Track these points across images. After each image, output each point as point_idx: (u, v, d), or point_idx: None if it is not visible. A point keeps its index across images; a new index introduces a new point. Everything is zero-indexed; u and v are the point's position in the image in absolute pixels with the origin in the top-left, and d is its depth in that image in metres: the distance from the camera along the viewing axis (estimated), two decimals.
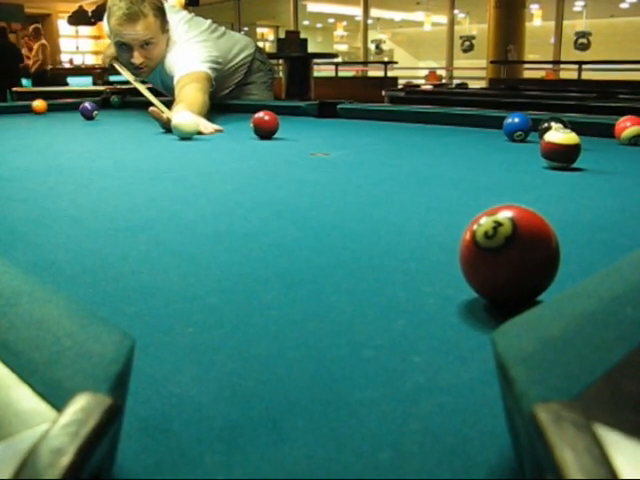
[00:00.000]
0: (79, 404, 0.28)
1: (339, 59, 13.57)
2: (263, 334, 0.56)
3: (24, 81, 8.46)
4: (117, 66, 2.93)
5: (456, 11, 17.07)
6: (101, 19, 3.48)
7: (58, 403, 0.30)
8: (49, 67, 10.30)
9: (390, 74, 11.35)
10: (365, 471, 0.36)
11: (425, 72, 14.21)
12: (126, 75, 2.84)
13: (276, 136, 2.02)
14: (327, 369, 0.49)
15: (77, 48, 17.67)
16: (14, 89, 5.66)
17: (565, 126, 1.54)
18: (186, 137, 2.03)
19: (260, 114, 2.00)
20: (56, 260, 0.80)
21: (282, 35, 6.89)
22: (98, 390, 0.31)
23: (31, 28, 10.50)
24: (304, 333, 0.57)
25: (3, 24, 9.93)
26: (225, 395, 0.45)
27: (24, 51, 10.05)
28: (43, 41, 10.13)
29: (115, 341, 0.37)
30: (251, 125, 2.00)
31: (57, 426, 0.26)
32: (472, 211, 1.04)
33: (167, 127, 2.18)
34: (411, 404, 0.44)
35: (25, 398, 0.32)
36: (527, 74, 12.13)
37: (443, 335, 0.56)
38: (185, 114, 2.11)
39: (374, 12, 19.67)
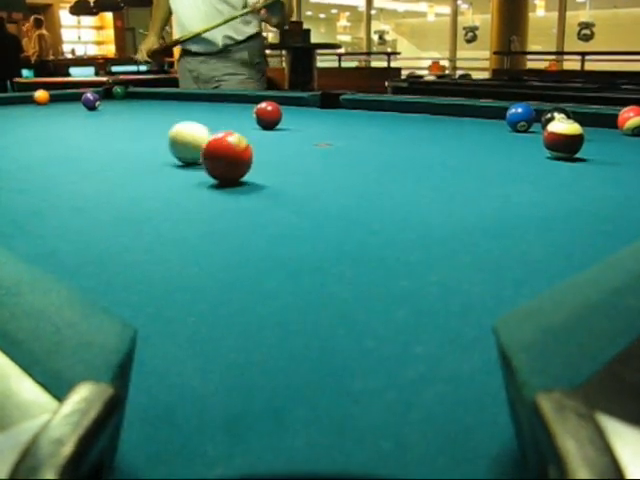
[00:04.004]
0: (80, 394, 0.28)
1: (342, 50, 13.52)
2: (265, 324, 0.56)
3: (25, 72, 8.44)
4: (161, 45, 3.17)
5: (459, 1, 17.03)
6: (103, 9, 3.57)
7: (59, 393, 0.30)
8: (51, 57, 10.27)
9: (393, 65, 11.33)
10: (367, 460, 0.36)
11: (428, 63, 14.15)
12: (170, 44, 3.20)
13: (279, 127, 2.02)
14: (329, 359, 0.49)
15: (79, 38, 17.60)
16: (15, 80, 5.64)
17: (568, 116, 1.53)
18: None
19: (263, 105, 2.00)
20: (58, 251, 0.80)
21: (285, 26, 6.87)
22: (99, 380, 0.31)
23: (32, 19, 10.49)
24: (306, 323, 0.57)
25: (2, 14, 9.90)
26: (227, 385, 0.45)
27: (25, 41, 10.03)
28: (41, 31, 10.10)
29: (116, 331, 0.37)
30: (254, 116, 2.00)
31: (58, 416, 0.26)
32: (475, 201, 1.04)
33: (154, 61, 2.33)
34: (413, 394, 0.44)
35: (26, 388, 0.32)
36: (530, 65, 12.09)
37: (445, 325, 0.56)
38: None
39: (377, 2, 19.60)
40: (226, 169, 1.16)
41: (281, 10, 2.76)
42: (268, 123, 2.00)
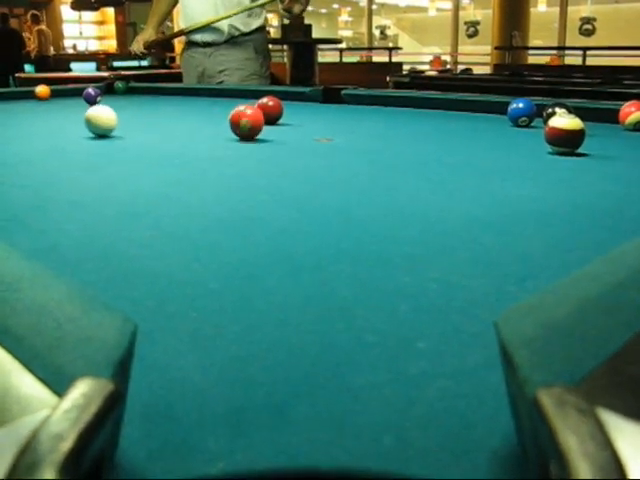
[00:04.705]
0: (80, 389, 0.28)
1: (343, 45, 13.51)
2: (266, 319, 0.56)
3: (27, 67, 8.43)
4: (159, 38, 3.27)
5: None
6: (104, 4, 3.58)
7: (59, 389, 0.30)
8: (51, 53, 10.26)
9: (395, 60, 11.33)
10: (367, 455, 0.36)
11: (430, 58, 14.14)
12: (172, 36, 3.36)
13: (280, 122, 2.01)
14: (330, 354, 0.49)
15: (80, 34, 17.58)
16: (17, 75, 5.65)
17: (569, 111, 1.53)
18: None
19: (264, 100, 1.99)
20: (59, 245, 0.80)
21: (286, 21, 6.87)
22: (100, 375, 0.31)
23: (29, 14, 10.49)
24: (306, 318, 0.56)
25: (5, 9, 9.89)
26: (228, 380, 0.45)
27: (26, 37, 10.03)
28: (40, 27, 10.09)
29: (117, 326, 0.37)
30: None
31: (58, 411, 0.26)
32: (475, 196, 1.04)
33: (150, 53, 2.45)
34: (414, 389, 0.43)
35: (26, 384, 0.32)
36: (532, 60, 12.07)
37: (447, 320, 0.56)
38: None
39: None
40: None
41: None
42: (269, 118, 1.99)
